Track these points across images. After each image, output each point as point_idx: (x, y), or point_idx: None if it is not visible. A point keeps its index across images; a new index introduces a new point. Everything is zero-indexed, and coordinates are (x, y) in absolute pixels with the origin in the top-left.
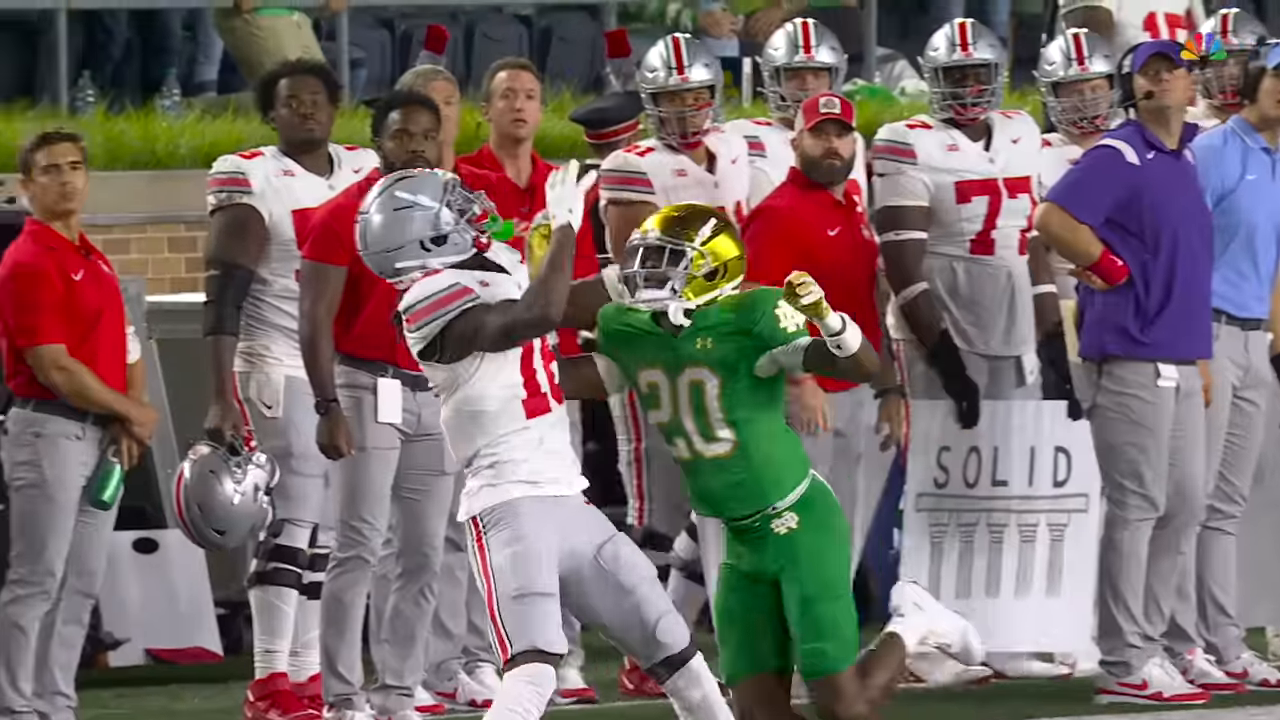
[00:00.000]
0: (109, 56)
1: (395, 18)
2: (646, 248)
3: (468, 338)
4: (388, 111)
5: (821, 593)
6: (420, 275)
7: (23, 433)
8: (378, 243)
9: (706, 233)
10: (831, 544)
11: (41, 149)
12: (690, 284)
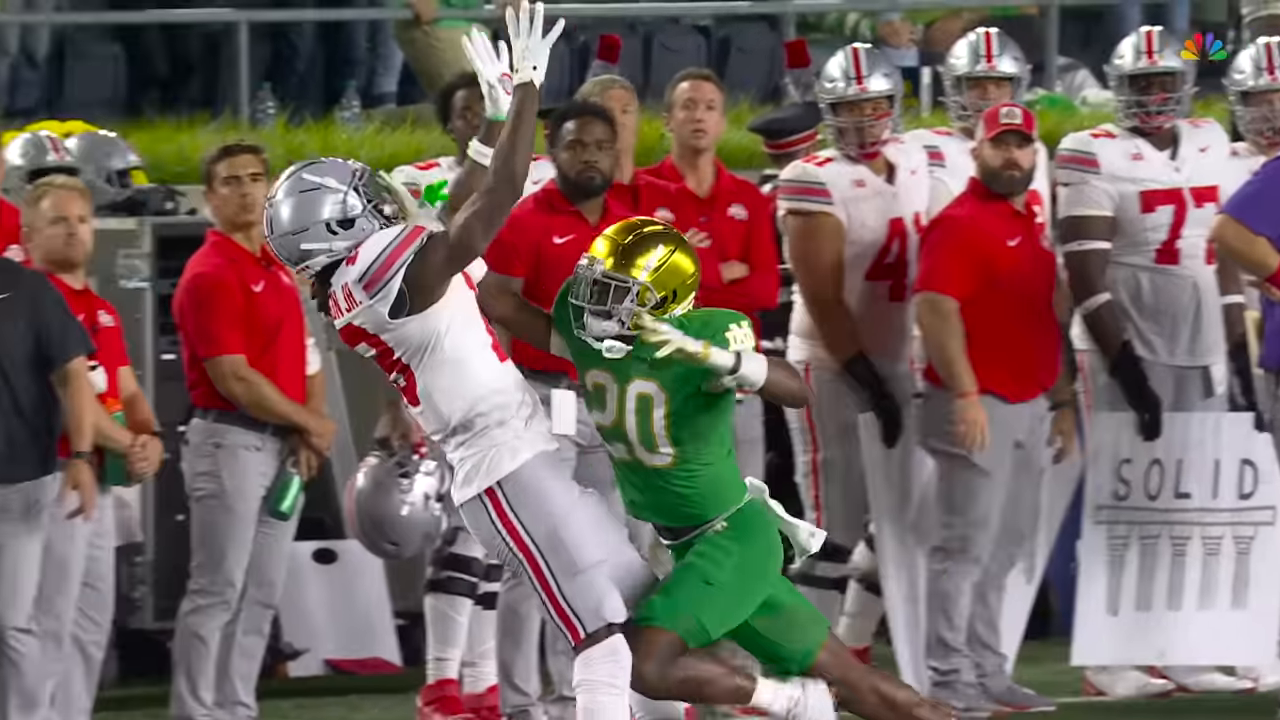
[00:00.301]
0: (292, 69)
1: (573, 29)
2: (592, 281)
3: (438, 263)
4: (562, 122)
5: (702, 570)
6: (326, 259)
7: (203, 443)
8: (284, 225)
9: (653, 263)
10: (744, 553)
11: (223, 161)
12: (636, 320)
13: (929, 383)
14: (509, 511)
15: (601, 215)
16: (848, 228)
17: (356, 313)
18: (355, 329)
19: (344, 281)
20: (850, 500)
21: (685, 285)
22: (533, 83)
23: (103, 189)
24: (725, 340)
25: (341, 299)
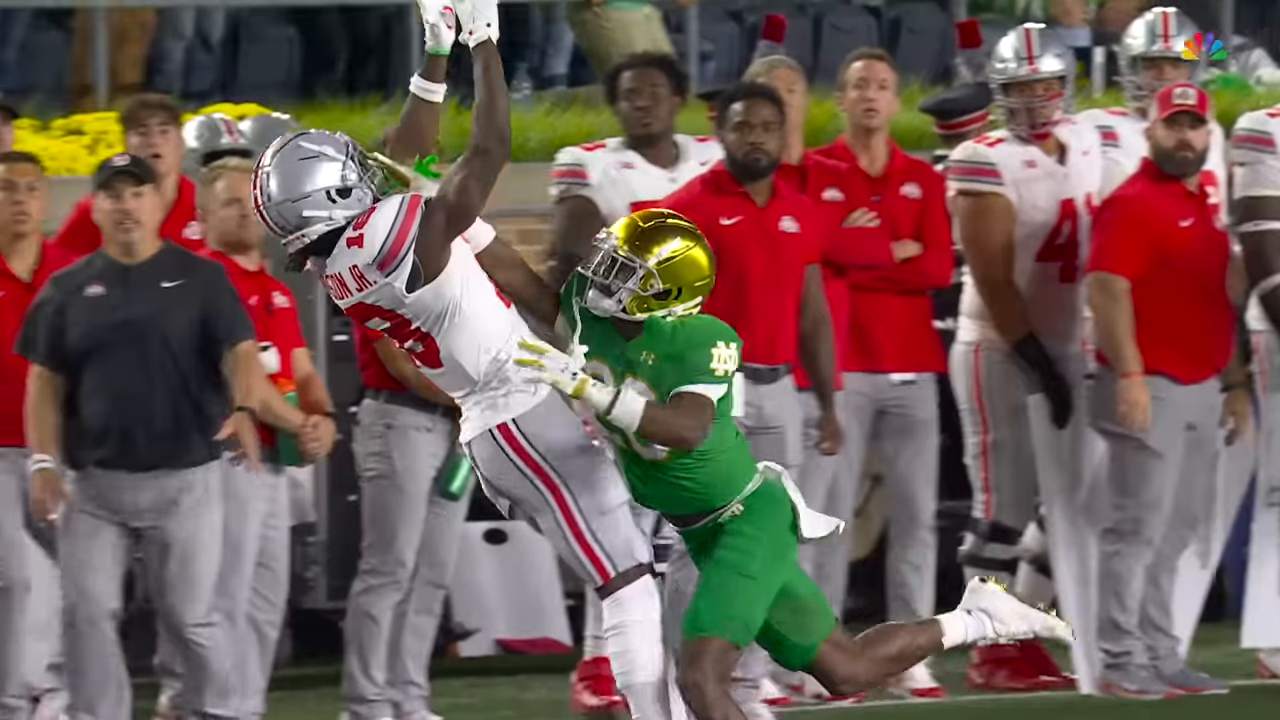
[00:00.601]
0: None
1: (744, 10)
2: (603, 254)
3: (440, 230)
4: (730, 103)
5: (736, 565)
6: (324, 228)
7: (374, 424)
8: (283, 191)
9: (665, 253)
10: (765, 535)
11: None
12: (635, 300)
13: (1100, 364)
14: (529, 448)
15: (769, 196)
16: (1018, 208)
17: (369, 292)
18: (367, 306)
19: (352, 264)
20: (1020, 481)
21: (693, 285)
22: (490, 40)
23: None
24: (708, 358)
25: (351, 280)
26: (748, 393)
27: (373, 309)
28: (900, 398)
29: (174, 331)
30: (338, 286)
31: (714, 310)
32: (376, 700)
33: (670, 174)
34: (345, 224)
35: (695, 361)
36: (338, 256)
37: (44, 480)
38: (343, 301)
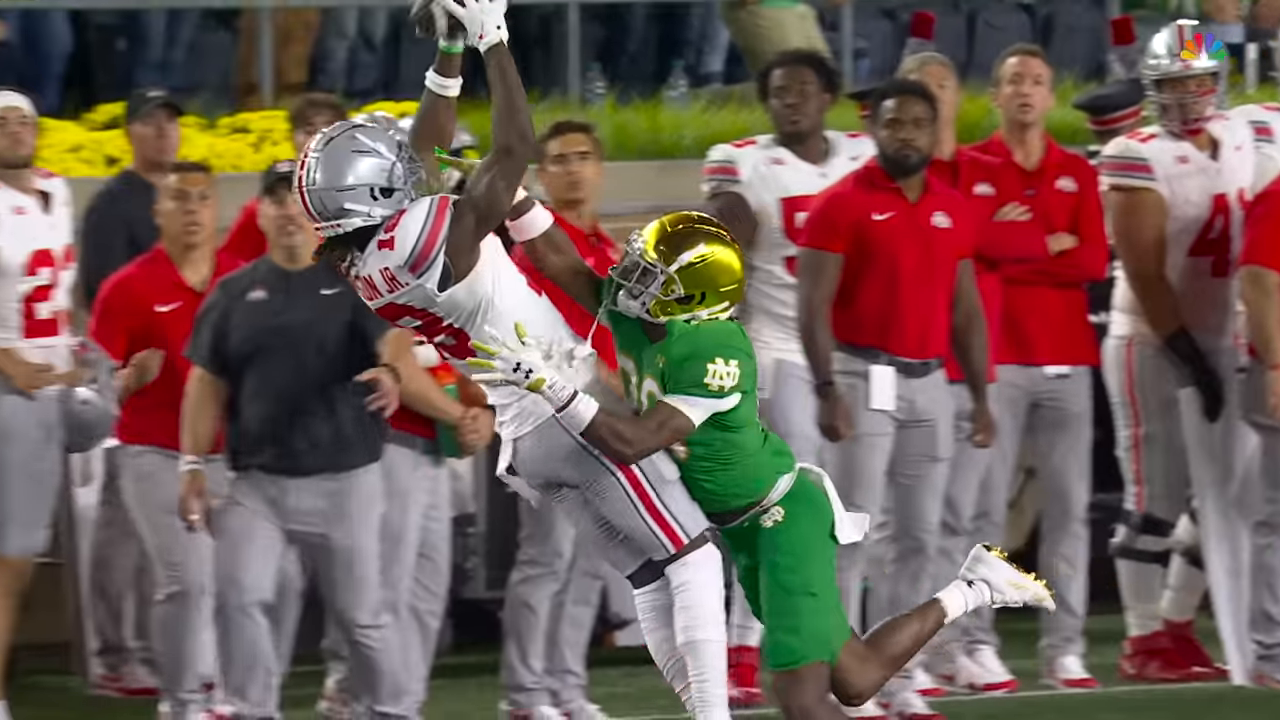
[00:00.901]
0: (622, 49)
1: (898, 8)
2: (629, 259)
3: (470, 229)
4: (881, 100)
5: (796, 589)
6: (360, 223)
7: None
8: (330, 179)
9: (687, 258)
10: (813, 544)
11: (555, 139)
12: (658, 303)
13: (1252, 357)
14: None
15: (921, 192)
16: (1170, 203)
17: (401, 293)
18: (398, 307)
19: (383, 266)
20: (1172, 474)
21: (718, 290)
22: (501, 42)
23: None
24: (702, 371)
25: (382, 282)
26: (899, 387)
27: (404, 309)
28: (1054, 391)
29: (331, 337)
30: (367, 288)
31: (866, 305)
32: (535, 689)
33: (820, 169)
34: (380, 222)
35: (689, 373)
36: (369, 258)
37: (191, 482)
38: (373, 303)
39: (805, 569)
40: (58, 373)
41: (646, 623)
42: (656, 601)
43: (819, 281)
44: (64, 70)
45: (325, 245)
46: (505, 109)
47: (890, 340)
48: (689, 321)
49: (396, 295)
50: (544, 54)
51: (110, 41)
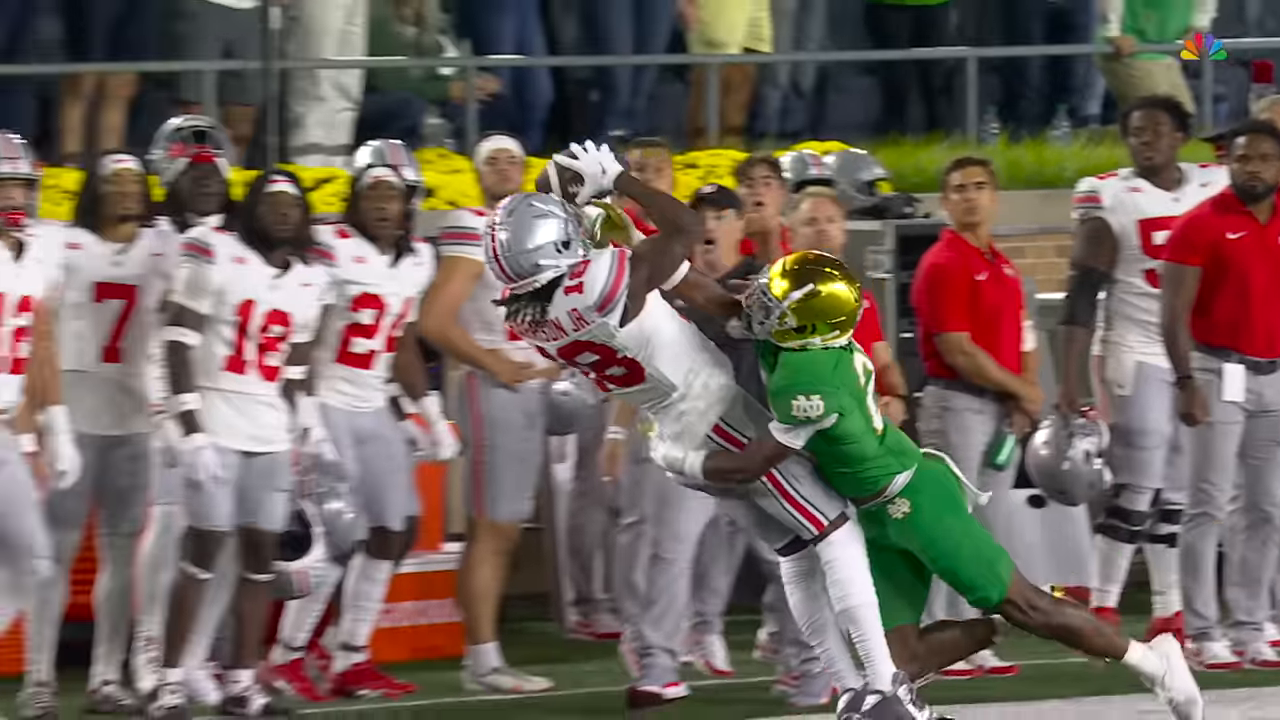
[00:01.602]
0: (1015, 95)
1: (1251, 58)
2: (752, 293)
3: (643, 282)
4: (1235, 137)
5: (951, 560)
6: (552, 274)
7: (933, 406)
8: (518, 243)
9: (798, 295)
10: (942, 511)
11: (956, 171)
12: (777, 333)
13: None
14: (740, 436)
15: (1271, 214)
16: None
17: (586, 331)
18: (580, 344)
19: (571, 307)
20: None
21: (828, 321)
22: (622, 172)
23: (855, 197)
24: (788, 405)
25: (569, 321)
26: (1249, 381)
27: (584, 345)
28: None
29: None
30: (553, 330)
31: (1221, 311)
32: None
33: (1174, 195)
34: (566, 272)
35: (780, 406)
36: (557, 303)
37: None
38: (554, 343)
39: (942, 543)
40: (538, 368)
41: (789, 585)
42: (798, 567)
43: (1179, 291)
44: (546, 117)
45: (511, 301)
46: (667, 210)
47: (1241, 341)
48: (803, 349)
49: (580, 333)
50: (947, 100)
51: (585, 93)
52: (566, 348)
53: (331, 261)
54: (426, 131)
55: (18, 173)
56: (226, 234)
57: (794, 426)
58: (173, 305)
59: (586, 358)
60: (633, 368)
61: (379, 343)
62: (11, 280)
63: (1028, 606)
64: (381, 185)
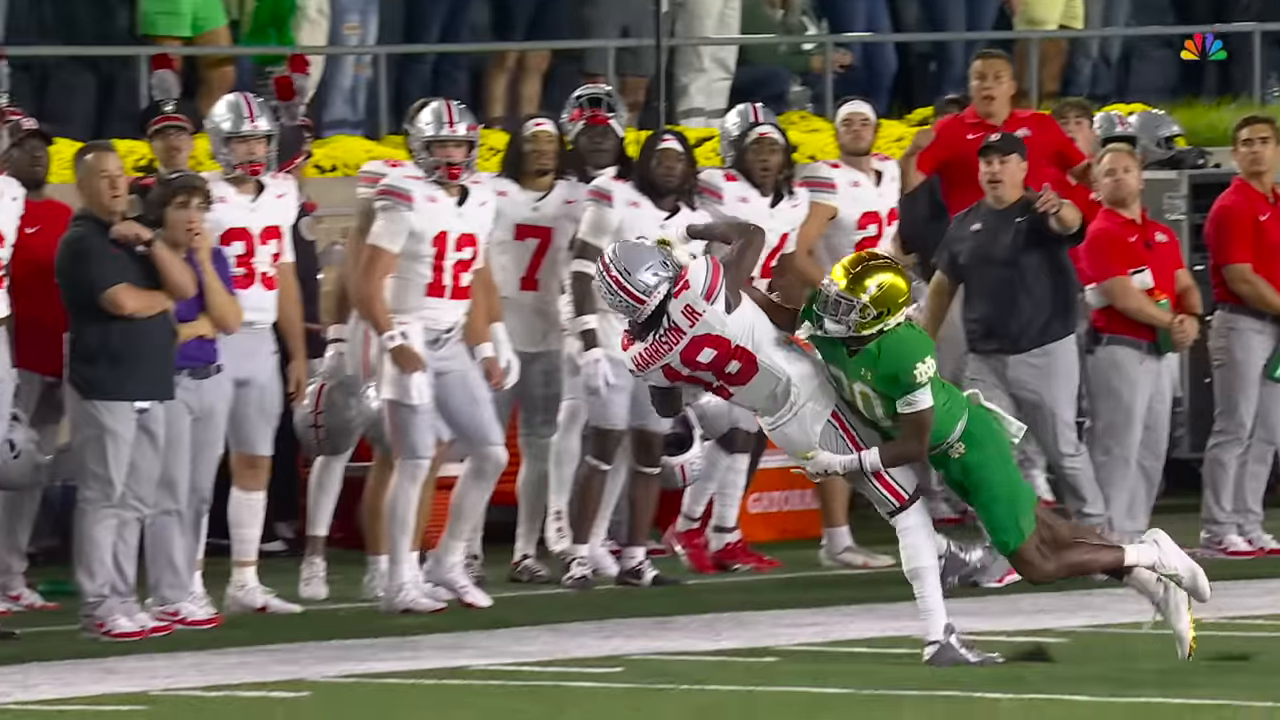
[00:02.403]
0: None
1: None
2: (829, 295)
3: (734, 279)
4: None
5: (989, 497)
6: (666, 287)
7: (1221, 327)
8: (635, 267)
9: (873, 289)
10: (989, 457)
11: (1244, 128)
12: (860, 325)
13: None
14: (849, 423)
15: None
16: None
17: (701, 324)
18: (698, 339)
19: (684, 304)
20: None
21: (898, 303)
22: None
23: (1155, 151)
24: (913, 375)
25: (684, 320)
26: None
27: (702, 341)
28: None
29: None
30: (673, 335)
31: None
32: (1225, 524)
33: None
34: (672, 278)
35: (905, 381)
36: (671, 310)
37: None
38: (677, 348)
39: (989, 483)
40: None
41: None
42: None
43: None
44: (891, 85)
45: (637, 331)
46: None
47: None
48: (881, 333)
49: (696, 328)
50: (1237, 68)
51: (925, 64)
52: (688, 348)
53: (719, 200)
54: (791, 98)
55: (257, 131)
56: (623, 183)
57: (920, 392)
58: (579, 242)
59: (707, 355)
60: (746, 360)
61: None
62: (454, 221)
63: (1037, 560)
64: (765, 140)
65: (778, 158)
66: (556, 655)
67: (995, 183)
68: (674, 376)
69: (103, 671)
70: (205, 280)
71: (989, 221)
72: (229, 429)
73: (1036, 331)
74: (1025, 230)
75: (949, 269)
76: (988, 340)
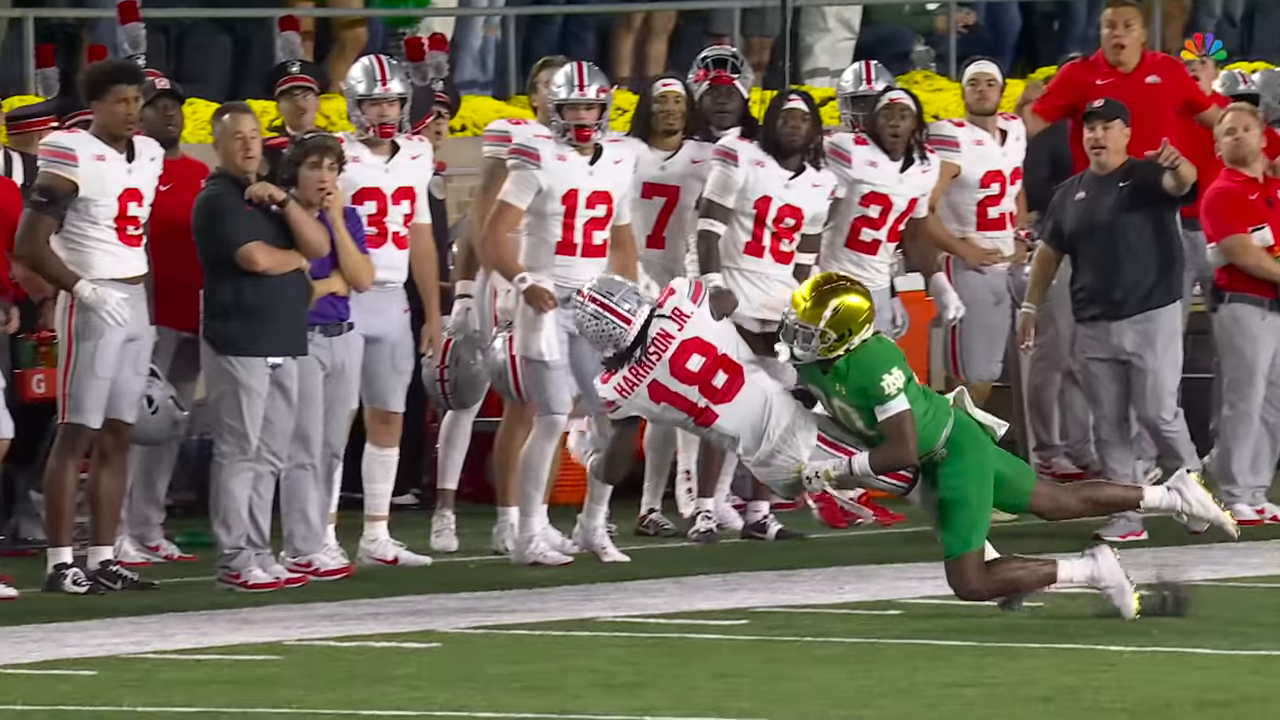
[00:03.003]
0: None
1: None
2: (788, 325)
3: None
4: None
5: (957, 500)
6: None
7: None
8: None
9: (829, 315)
10: (969, 466)
11: None
12: (824, 349)
13: None
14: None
15: None
16: None
17: (689, 326)
18: (687, 343)
19: (672, 308)
20: None
21: (858, 323)
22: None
23: (1276, 109)
24: (881, 387)
25: (671, 322)
26: None
27: (690, 345)
28: None
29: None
30: (661, 343)
31: None
32: None
33: None
34: (654, 305)
35: (876, 394)
36: (656, 325)
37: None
38: (666, 355)
39: (963, 489)
40: (1004, 254)
41: None
42: None
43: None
44: (1015, 44)
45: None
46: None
47: None
48: (848, 352)
49: (685, 331)
50: None
51: (1049, 24)
52: (677, 354)
53: (847, 163)
54: (914, 57)
55: (389, 94)
56: (748, 142)
57: (895, 399)
58: (704, 201)
59: (696, 363)
60: (733, 371)
61: (883, 234)
62: (585, 179)
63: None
64: (895, 105)
65: (908, 123)
66: (682, 608)
67: (1099, 149)
68: (659, 396)
69: (238, 622)
70: (338, 239)
71: (1093, 188)
72: (362, 385)
73: (1140, 297)
74: (1129, 194)
75: (1053, 239)
76: (1091, 306)
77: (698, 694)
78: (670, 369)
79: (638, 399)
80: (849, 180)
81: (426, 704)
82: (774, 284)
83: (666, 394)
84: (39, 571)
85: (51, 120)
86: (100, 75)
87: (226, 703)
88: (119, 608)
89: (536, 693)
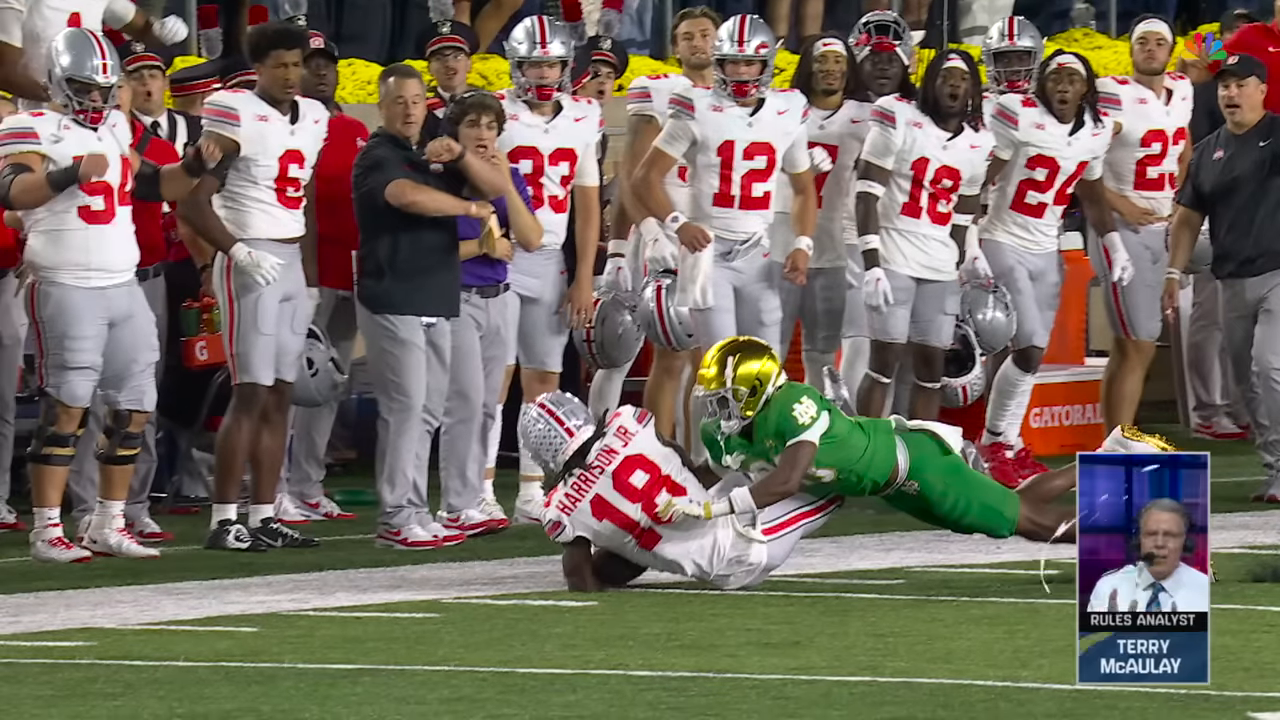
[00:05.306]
0: None
1: None
2: (705, 401)
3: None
4: None
5: (960, 514)
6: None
7: None
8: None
9: (730, 373)
10: (942, 482)
11: None
12: (744, 407)
13: None
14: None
15: None
16: None
17: (634, 443)
18: (632, 458)
19: (617, 427)
20: None
21: (766, 373)
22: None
23: None
24: (793, 419)
25: (616, 439)
26: None
27: (634, 461)
28: None
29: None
30: (604, 457)
31: None
32: None
33: None
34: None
35: (788, 425)
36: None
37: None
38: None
39: (952, 508)
40: (1161, 215)
41: None
42: None
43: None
44: (1176, 1)
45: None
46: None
47: None
48: (766, 404)
49: (629, 447)
50: None
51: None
52: (620, 468)
53: (1014, 125)
54: (1074, 14)
55: (548, 56)
56: (906, 103)
57: (804, 432)
58: (862, 163)
59: (640, 479)
60: (677, 492)
61: (1049, 197)
62: (743, 130)
63: (1037, 528)
64: (1064, 70)
65: (1077, 87)
66: (839, 568)
67: (1233, 107)
68: (601, 512)
69: (396, 580)
70: (508, 198)
71: (1230, 147)
72: (520, 346)
73: (1274, 255)
74: (1271, 154)
75: (1193, 201)
76: (1228, 263)
77: (854, 653)
78: (613, 482)
79: (580, 515)
80: (1015, 142)
81: (583, 662)
82: (932, 244)
83: (609, 509)
84: (201, 529)
85: (215, 81)
86: (261, 39)
87: (384, 660)
88: (280, 564)
89: (692, 651)
